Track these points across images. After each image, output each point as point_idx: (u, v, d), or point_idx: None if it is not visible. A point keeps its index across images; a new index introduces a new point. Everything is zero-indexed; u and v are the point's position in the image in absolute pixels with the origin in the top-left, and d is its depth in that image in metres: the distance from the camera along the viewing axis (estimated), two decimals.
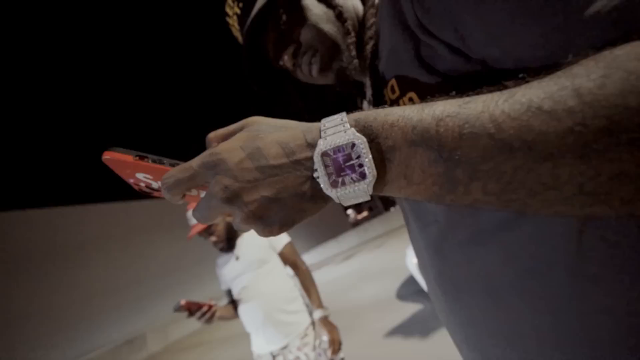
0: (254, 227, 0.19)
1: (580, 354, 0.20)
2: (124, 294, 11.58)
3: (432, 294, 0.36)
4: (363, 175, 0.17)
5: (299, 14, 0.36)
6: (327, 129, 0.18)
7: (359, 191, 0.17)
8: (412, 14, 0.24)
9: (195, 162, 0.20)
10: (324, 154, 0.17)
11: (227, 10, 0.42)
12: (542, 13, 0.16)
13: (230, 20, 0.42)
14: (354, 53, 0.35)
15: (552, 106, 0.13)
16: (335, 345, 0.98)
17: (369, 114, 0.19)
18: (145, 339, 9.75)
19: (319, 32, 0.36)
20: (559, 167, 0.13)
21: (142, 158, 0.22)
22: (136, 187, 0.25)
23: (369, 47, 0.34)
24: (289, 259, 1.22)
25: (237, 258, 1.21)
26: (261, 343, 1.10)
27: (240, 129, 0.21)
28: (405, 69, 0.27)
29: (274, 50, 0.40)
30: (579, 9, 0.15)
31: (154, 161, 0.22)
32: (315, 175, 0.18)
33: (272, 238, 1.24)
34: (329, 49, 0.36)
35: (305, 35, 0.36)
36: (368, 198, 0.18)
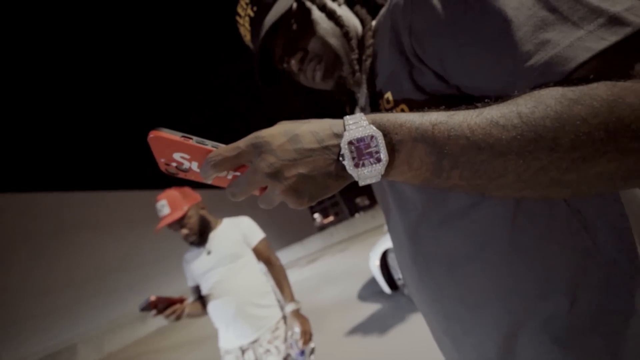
0: (289, 198, 0.24)
1: (512, 301, 0.29)
2: (51, 298, 9.96)
3: (406, 271, 0.43)
4: (379, 160, 0.23)
5: (309, 26, 0.41)
6: (350, 124, 0.24)
7: (374, 171, 0.23)
8: (410, 46, 0.31)
9: (242, 142, 0.24)
10: (350, 142, 0.23)
11: (239, 10, 0.45)
12: (499, 62, 0.24)
13: (240, 20, 0.46)
14: (357, 67, 0.42)
15: (504, 122, 0.21)
16: (307, 336, 1.02)
17: (382, 115, 0.25)
18: (75, 351, 8.47)
19: (326, 44, 0.41)
20: (507, 162, 0.21)
21: (187, 138, 0.24)
22: (164, 167, 0.27)
23: (367, 63, 0.41)
24: (263, 254, 1.23)
25: (208, 253, 1.18)
26: (230, 338, 1.09)
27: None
28: (400, 86, 0.34)
29: (282, 54, 0.45)
30: (522, 61, 0.23)
31: (197, 142, 0.24)
32: (340, 158, 0.24)
33: (247, 233, 1.24)
34: (333, 60, 0.42)
35: (313, 44, 0.42)
36: (379, 178, 0.24)
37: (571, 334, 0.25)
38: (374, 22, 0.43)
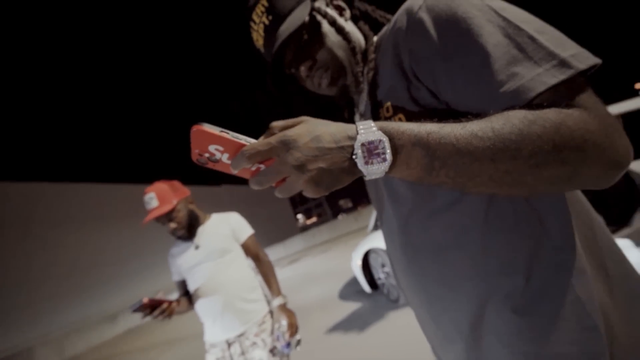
0: (309, 187, 0.28)
1: (482, 280, 0.35)
2: (6, 296, 9.10)
3: (395, 260, 0.49)
4: (385, 159, 0.28)
5: (319, 38, 0.46)
6: (362, 129, 0.29)
7: (380, 169, 0.28)
8: (409, 66, 0.37)
9: (273, 139, 0.28)
10: (362, 144, 0.28)
11: (254, 17, 0.49)
12: (480, 86, 0.30)
13: (255, 26, 0.50)
14: (361, 78, 0.47)
15: (482, 134, 0.27)
16: (293, 328, 1.06)
17: (387, 123, 0.30)
18: (32, 354, 7.81)
19: (333, 55, 0.46)
20: (482, 165, 0.27)
21: (224, 133, 0.28)
22: (196, 157, 0.30)
23: (369, 75, 0.46)
24: (252, 249, 1.25)
25: (196, 247, 1.19)
26: (216, 331, 1.10)
27: (296, 123, 0.30)
28: (399, 98, 0.40)
29: (291, 60, 0.49)
30: (496, 88, 0.29)
31: (233, 136, 0.28)
32: (353, 157, 0.28)
33: (236, 229, 1.25)
34: (338, 70, 0.47)
35: (321, 55, 0.46)
36: (383, 175, 0.29)
37: (526, 305, 0.32)
38: (375, 38, 0.49)
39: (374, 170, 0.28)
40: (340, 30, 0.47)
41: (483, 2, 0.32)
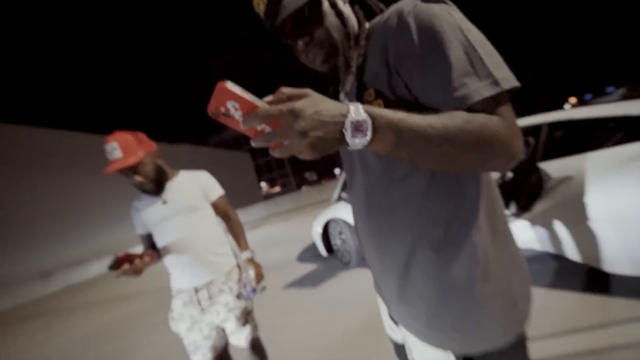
0: (308, 150, 0.36)
1: (416, 231, 0.49)
2: None
3: (358, 218, 0.61)
4: (366, 135, 0.37)
5: (319, 17, 0.51)
6: (352, 109, 0.37)
7: (362, 142, 0.37)
8: (393, 60, 0.45)
9: (284, 107, 0.34)
10: (351, 122, 0.36)
11: None
12: (440, 89, 0.41)
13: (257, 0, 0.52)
14: (352, 63, 0.54)
15: (435, 125, 0.37)
16: (259, 277, 1.19)
17: (371, 108, 0.38)
18: None
19: (330, 36, 0.52)
20: (431, 148, 0.38)
21: (244, 93, 0.33)
22: (212, 109, 0.34)
23: (359, 60, 0.53)
24: (222, 208, 1.30)
25: (164, 202, 1.19)
26: (185, 280, 1.17)
27: (303, 94, 0.37)
28: (380, 86, 0.48)
29: (289, 33, 0.53)
30: (451, 92, 0.40)
31: (250, 98, 0.34)
32: (343, 130, 0.37)
33: (206, 188, 1.27)
34: (333, 50, 0.53)
35: (319, 33, 0.51)
36: (363, 147, 0.38)
37: (443, 247, 0.47)
38: (367, 25, 0.55)
39: (356, 143, 0.37)
40: (339, 13, 0.51)
41: (455, 21, 0.41)
